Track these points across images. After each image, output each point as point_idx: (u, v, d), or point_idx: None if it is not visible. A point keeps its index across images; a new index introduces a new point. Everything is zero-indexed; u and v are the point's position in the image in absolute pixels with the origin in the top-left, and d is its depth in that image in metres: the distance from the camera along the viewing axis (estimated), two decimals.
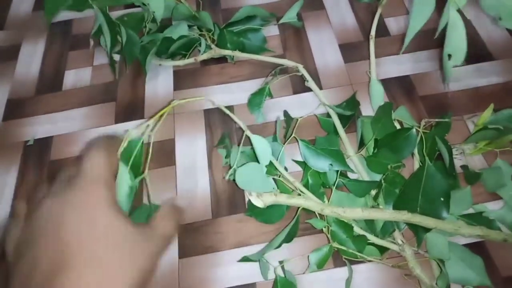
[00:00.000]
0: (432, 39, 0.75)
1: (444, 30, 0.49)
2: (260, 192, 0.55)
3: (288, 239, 0.55)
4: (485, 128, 0.59)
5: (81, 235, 0.30)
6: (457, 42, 0.47)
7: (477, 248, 0.56)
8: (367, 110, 0.69)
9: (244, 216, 0.61)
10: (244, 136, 0.50)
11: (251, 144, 0.54)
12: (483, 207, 0.58)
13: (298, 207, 0.56)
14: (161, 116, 0.31)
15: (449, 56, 0.48)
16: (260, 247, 0.58)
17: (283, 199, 0.55)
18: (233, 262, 0.57)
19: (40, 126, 0.72)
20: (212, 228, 0.60)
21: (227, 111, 0.42)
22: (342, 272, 0.56)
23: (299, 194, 0.57)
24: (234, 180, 0.62)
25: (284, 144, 0.61)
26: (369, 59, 0.70)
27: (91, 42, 0.80)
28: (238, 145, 0.62)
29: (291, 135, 0.60)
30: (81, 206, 0.32)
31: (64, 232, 0.30)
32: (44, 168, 0.68)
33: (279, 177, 0.58)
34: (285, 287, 0.53)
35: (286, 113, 0.67)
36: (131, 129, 0.31)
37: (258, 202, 0.54)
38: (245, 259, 0.55)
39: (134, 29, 0.73)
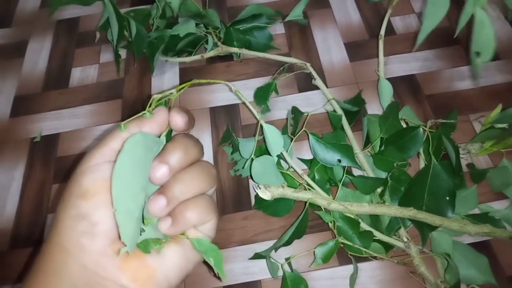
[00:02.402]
0: (437, 38, 0.76)
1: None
2: (267, 185, 0.55)
3: (298, 234, 0.55)
4: (492, 128, 0.59)
5: None
6: (485, 40, 0.47)
7: (482, 247, 0.56)
8: (373, 108, 0.69)
9: (249, 213, 0.61)
10: (258, 127, 0.49)
11: (260, 137, 0.54)
12: (488, 206, 0.58)
13: (306, 202, 0.56)
14: (182, 88, 0.32)
15: (477, 53, 0.48)
16: (265, 245, 0.58)
17: (290, 192, 0.55)
18: (238, 260, 0.58)
19: (47, 123, 0.73)
20: (217, 225, 0.60)
21: (243, 98, 0.42)
22: (346, 270, 0.56)
23: (306, 188, 0.57)
24: (240, 175, 0.62)
25: (293, 138, 0.61)
26: (375, 57, 0.70)
27: (97, 35, 0.80)
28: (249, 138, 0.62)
29: (301, 129, 0.60)
30: None
31: None
32: (51, 164, 0.68)
33: (288, 170, 0.58)
34: (295, 282, 0.53)
35: (294, 109, 0.67)
36: (155, 95, 0.31)
37: (266, 195, 0.55)
38: (256, 256, 0.55)
39: (141, 26, 0.73)
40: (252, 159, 0.55)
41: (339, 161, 0.57)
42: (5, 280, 0.59)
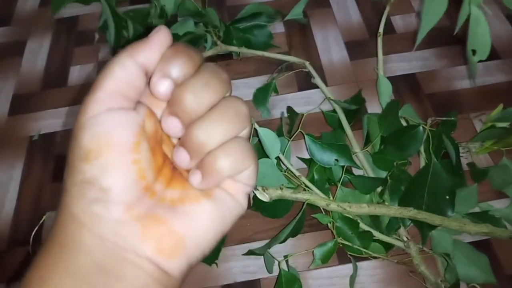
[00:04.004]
0: (437, 37, 0.76)
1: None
2: (265, 186, 0.55)
3: (294, 233, 0.55)
4: (492, 127, 0.59)
5: None
6: (480, 38, 0.47)
7: (483, 246, 0.55)
8: (373, 107, 0.69)
9: (248, 212, 0.61)
10: (252, 130, 0.49)
11: (258, 138, 0.54)
12: (488, 205, 0.58)
13: (304, 202, 0.56)
14: None
15: (474, 52, 0.48)
16: (264, 243, 0.58)
17: (289, 193, 0.55)
18: (237, 258, 0.57)
19: (46, 121, 0.73)
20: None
21: None
22: (346, 269, 0.56)
23: (305, 189, 0.56)
24: None
25: (289, 139, 0.61)
26: (375, 56, 0.70)
27: (96, 36, 0.80)
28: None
29: (297, 130, 0.60)
30: None
31: None
32: (49, 163, 0.68)
33: (285, 171, 0.58)
34: (289, 281, 0.53)
35: (289, 109, 0.67)
36: None
37: (264, 197, 0.54)
38: (250, 252, 0.55)
39: (140, 25, 0.73)
40: None
41: (337, 161, 0.57)
42: (2, 278, 0.59)
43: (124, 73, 0.22)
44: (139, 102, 0.23)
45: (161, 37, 0.23)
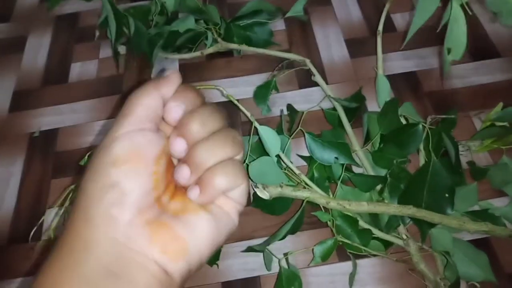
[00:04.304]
0: (438, 35, 0.75)
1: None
2: (265, 184, 0.55)
3: (293, 230, 0.55)
4: (492, 126, 0.59)
5: None
6: (457, 37, 0.47)
7: (482, 244, 0.56)
8: (373, 105, 0.69)
9: (248, 209, 0.61)
10: (252, 128, 0.50)
11: (258, 136, 0.54)
12: (488, 203, 0.58)
13: (303, 200, 0.56)
14: None
15: (449, 50, 0.48)
16: (263, 241, 0.58)
17: (289, 191, 0.55)
18: (236, 256, 0.58)
19: (46, 118, 0.73)
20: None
21: (236, 101, 0.42)
22: (346, 266, 0.56)
23: (305, 187, 0.57)
24: None
25: (290, 137, 0.61)
26: (375, 54, 0.70)
27: (96, 33, 0.80)
28: (247, 136, 0.62)
29: (297, 128, 0.60)
30: None
31: None
32: (49, 159, 0.68)
33: (285, 169, 0.58)
34: (290, 279, 0.53)
35: (289, 107, 0.67)
36: None
37: (264, 194, 0.54)
38: (249, 249, 0.55)
39: (141, 22, 0.73)
40: (247, 165, 0.55)
41: (336, 159, 0.57)
42: (3, 275, 0.59)
43: (152, 102, 0.27)
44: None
45: (177, 76, 0.29)
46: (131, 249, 0.24)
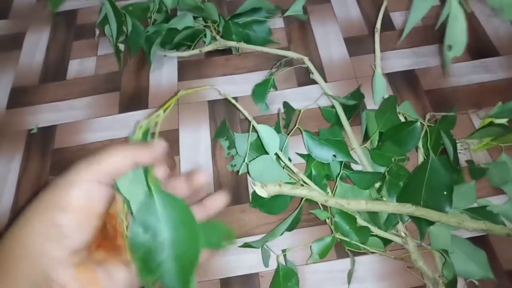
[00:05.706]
0: (437, 33, 0.76)
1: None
2: (264, 183, 0.55)
3: (290, 227, 0.55)
4: (491, 124, 0.59)
5: None
6: (457, 34, 0.47)
7: (481, 242, 0.56)
8: (372, 103, 0.69)
9: (247, 206, 0.61)
10: (250, 127, 0.50)
11: (257, 134, 0.54)
12: (487, 201, 0.58)
13: (302, 198, 0.56)
14: (168, 107, 0.31)
15: (449, 47, 0.48)
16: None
17: (287, 189, 0.55)
18: (235, 253, 0.57)
19: (44, 115, 0.72)
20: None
21: (233, 101, 0.42)
22: (344, 264, 0.56)
23: (303, 185, 0.56)
24: (238, 172, 0.62)
25: (287, 135, 0.61)
26: (374, 52, 0.69)
27: (96, 32, 0.80)
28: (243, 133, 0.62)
29: (294, 126, 0.60)
30: None
31: None
32: (47, 156, 0.68)
33: (284, 168, 0.58)
34: (287, 275, 0.53)
35: (286, 104, 0.67)
36: (143, 121, 0.30)
37: (263, 193, 0.54)
38: (247, 245, 0.55)
39: (139, 19, 0.73)
40: (247, 164, 0.55)
41: (334, 156, 0.57)
42: None
43: (124, 164, 0.28)
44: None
45: (158, 151, 0.30)
46: (53, 280, 0.26)
